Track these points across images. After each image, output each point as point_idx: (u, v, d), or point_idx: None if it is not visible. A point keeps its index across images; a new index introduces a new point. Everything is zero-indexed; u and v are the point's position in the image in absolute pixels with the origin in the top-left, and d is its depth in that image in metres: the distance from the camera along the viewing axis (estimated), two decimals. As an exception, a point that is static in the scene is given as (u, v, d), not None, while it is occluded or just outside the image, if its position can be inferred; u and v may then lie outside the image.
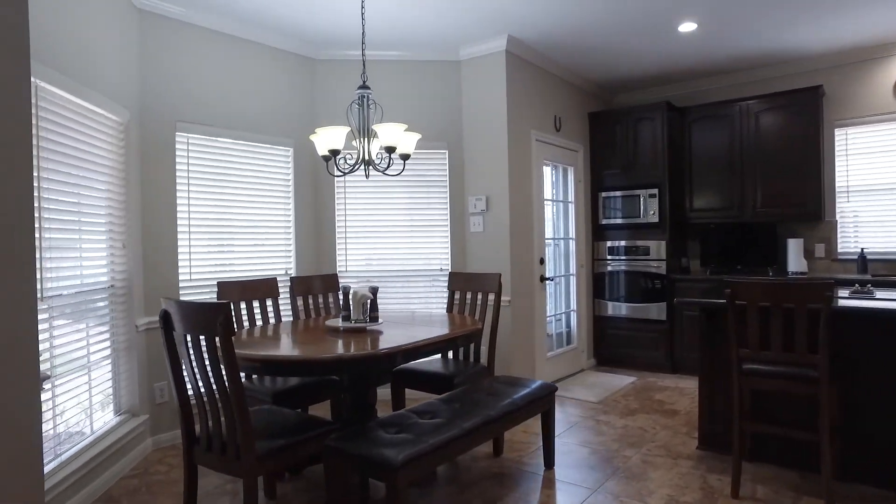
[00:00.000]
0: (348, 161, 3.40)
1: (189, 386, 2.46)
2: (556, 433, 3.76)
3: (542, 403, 3.13)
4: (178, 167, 3.81)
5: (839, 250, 5.01)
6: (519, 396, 3.02)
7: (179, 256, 3.81)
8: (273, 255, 4.36)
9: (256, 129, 4.21)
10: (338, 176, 3.18)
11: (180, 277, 3.81)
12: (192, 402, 2.41)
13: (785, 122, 4.92)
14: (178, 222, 3.81)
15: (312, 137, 3.02)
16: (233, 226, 4.10)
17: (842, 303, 2.87)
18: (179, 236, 3.82)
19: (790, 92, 4.91)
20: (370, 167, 3.21)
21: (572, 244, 5.41)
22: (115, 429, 3.27)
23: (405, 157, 3.24)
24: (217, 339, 2.23)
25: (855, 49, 4.84)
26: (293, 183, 4.48)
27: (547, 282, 4.98)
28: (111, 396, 3.36)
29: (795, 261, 4.92)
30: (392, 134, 2.99)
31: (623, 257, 5.46)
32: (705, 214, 5.32)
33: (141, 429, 3.50)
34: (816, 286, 2.54)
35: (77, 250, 2.96)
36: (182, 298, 3.81)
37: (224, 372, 2.26)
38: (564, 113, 5.29)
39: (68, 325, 2.86)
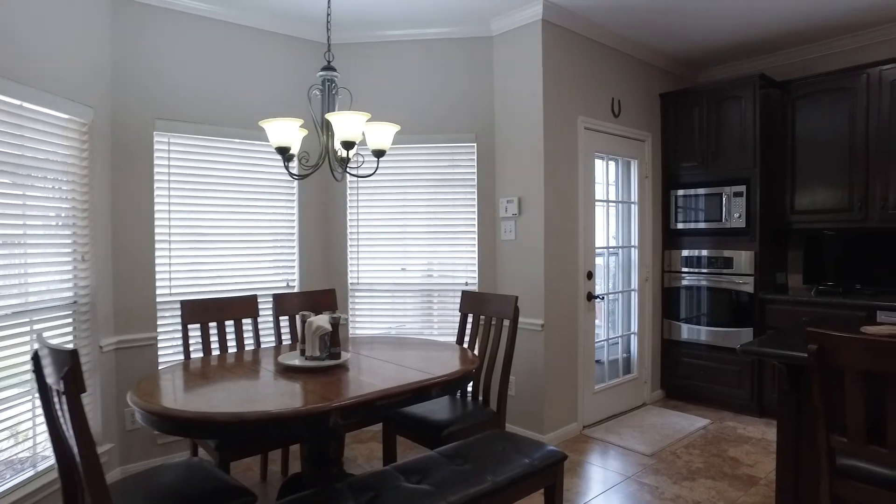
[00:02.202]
0: (306, 161, 2.78)
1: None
2: (585, 499, 2.95)
3: (544, 477, 2.34)
4: (157, 170, 3.40)
5: None
6: (516, 466, 2.27)
7: (157, 269, 3.40)
8: (273, 267, 3.86)
9: (251, 125, 3.71)
10: (297, 178, 2.57)
11: (158, 293, 3.40)
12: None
13: (929, 94, 3.67)
14: (157, 232, 3.40)
15: (263, 124, 2.43)
16: (223, 235, 3.64)
17: None
18: (158, 247, 3.40)
19: (937, 54, 3.66)
20: (343, 167, 2.57)
21: (634, 253, 4.46)
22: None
23: (379, 153, 2.57)
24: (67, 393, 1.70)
25: None
26: (297, 184, 3.95)
27: (596, 300, 4.10)
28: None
29: (940, 281, 3.67)
30: (348, 126, 2.33)
31: (704, 270, 4.43)
32: (812, 217, 4.15)
33: (105, 458, 3.12)
34: (964, 353, 1.57)
35: (21, 266, 2.60)
36: (161, 315, 3.42)
37: (72, 436, 1.73)
38: (626, 94, 4.34)
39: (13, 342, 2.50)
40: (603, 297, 4.22)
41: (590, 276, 3.98)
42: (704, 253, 4.42)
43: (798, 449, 2.38)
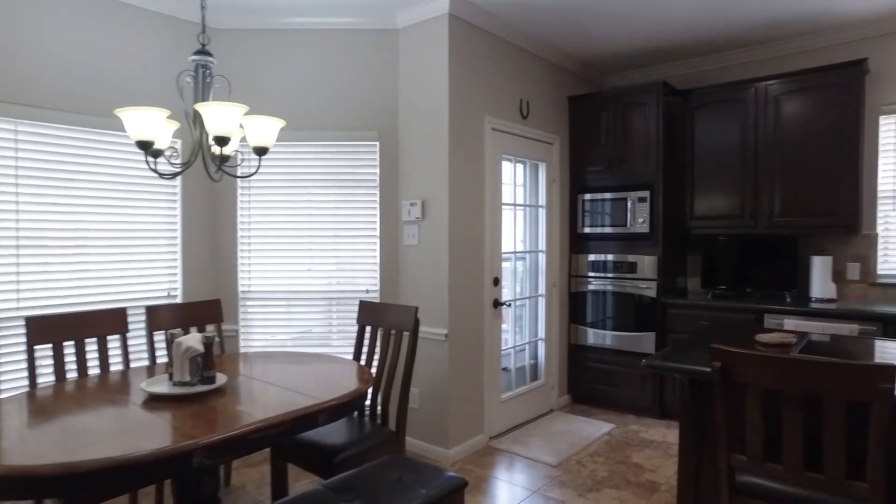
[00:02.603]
0: (175, 158, 2.45)
1: None
2: (491, 523, 2.81)
3: (444, 509, 2.16)
4: (1, 162, 2.90)
5: (880, 272, 3.93)
6: (413, 497, 2.06)
7: (0, 280, 2.90)
8: (151, 275, 3.43)
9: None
10: (166, 177, 2.24)
11: (1, 307, 2.90)
12: None
13: (813, 107, 3.85)
14: (0, 235, 2.90)
15: (119, 114, 2.08)
16: (89, 238, 3.18)
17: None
18: (1, 253, 2.90)
19: (823, 69, 3.83)
20: (219, 165, 2.26)
21: (542, 258, 4.41)
22: None
23: (260, 151, 2.28)
24: None
25: (906, 14, 3.75)
26: (180, 182, 3.54)
27: (503, 307, 3.99)
28: None
29: (821, 285, 3.87)
30: (221, 118, 2.03)
31: (609, 275, 4.44)
32: (709, 223, 4.27)
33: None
34: (866, 370, 1.53)
35: None
36: (1, 336, 2.92)
37: None
38: (535, 96, 4.27)
39: None
40: (510, 304, 4.12)
41: (496, 282, 3.86)
42: (610, 258, 4.43)
43: (699, 458, 2.34)
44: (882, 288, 3.90)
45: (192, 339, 2.18)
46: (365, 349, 3.07)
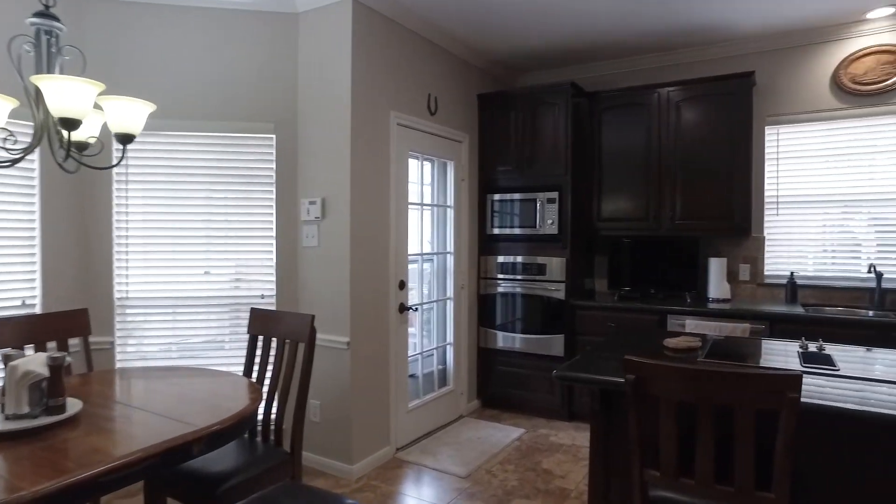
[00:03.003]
0: (13, 143, 2.07)
1: None
2: (396, 546, 2.61)
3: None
4: None
5: (766, 272, 4.14)
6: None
7: None
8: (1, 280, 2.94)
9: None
10: (2, 165, 1.85)
11: None
12: None
13: (710, 115, 3.98)
14: None
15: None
16: None
17: (806, 397, 1.85)
18: None
19: (716, 79, 3.97)
20: (67, 152, 1.90)
21: (450, 260, 4.27)
22: None
23: (125, 139, 1.95)
24: None
25: (791, 31, 3.96)
26: (38, 173, 3.06)
27: (410, 311, 3.81)
28: None
29: (717, 285, 4.01)
30: (66, 96, 1.69)
31: (519, 277, 4.38)
32: (615, 225, 4.32)
33: None
34: (775, 380, 1.49)
35: None
36: None
37: None
38: (444, 92, 4.12)
39: None
40: (416, 308, 3.94)
41: (402, 285, 3.67)
42: (520, 259, 4.38)
43: (609, 466, 2.28)
44: (768, 288, 4.10)
45: (34, 362, 1.81)
46: (257, 362, 2.78)
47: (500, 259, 4.46)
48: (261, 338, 2.78)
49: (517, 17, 3.72)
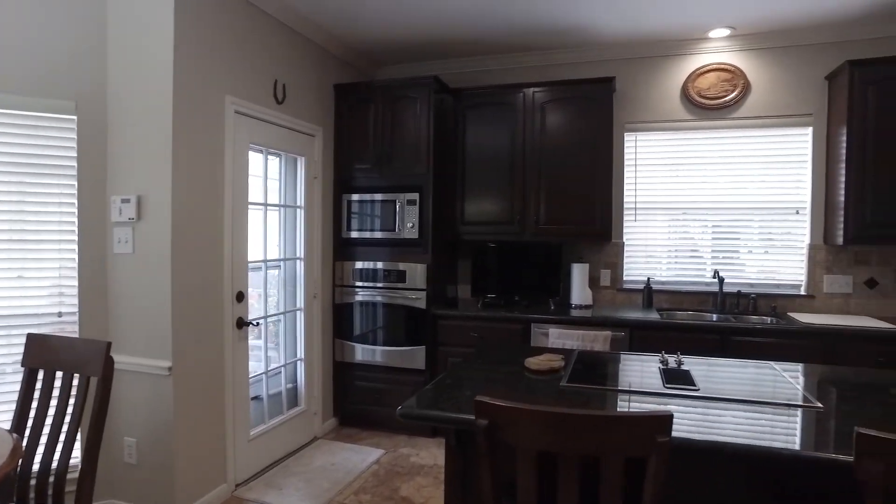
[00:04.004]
0: None
1: None
2: None
3: None
4: None
5: (625, 278, 4.19)
6: None
7: None
8: None
9: None
10: None
11: None
12: None
13: (574, 118, 3.92)
14: None
15: None
16: None
17: (679, 431, 1.69)
18: None
19: (579, 82, 3.93)
20: None
21: (301, 266, 3.83)
22: None
23: None
24: None
25: (647, 42, 4.02)
26: None
27: (251, 326, 3.32)
28: None
29: (579, 291, 3.97)
30: None
31: (378, 284, 4.04)
32: (480, 229, 4.13)
33: None
34: (643, 422, 1.29)
35: None
36: None
37: None
38: (294, 79, 3.67)
39: None
40: (259, 322, 3.45)
41: (241, 297, 3.18)
42: (379, 265, 4.04)
43: (465, 498, 2.01)
44: (627, 293, 4.15)
45: None
46: (35, 404, 2.17)
47: (359, 265, 4.09)
48: (42, 372, 2.18)
49: (379, 5, 3.37)
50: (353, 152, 4.10)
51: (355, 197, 4.08)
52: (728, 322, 3.49)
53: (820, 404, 1.84)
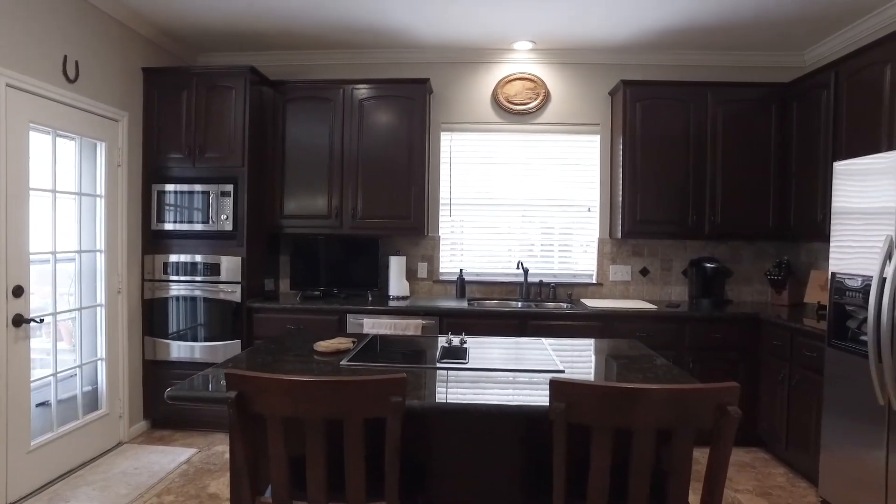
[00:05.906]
0: None
1: None
2: None
3: None
4: None
5: (441, 270, 4.46)
6: None
7: None
8: None
9: None
10: None
11: None
12: None
13: (391, 117, 4.09)
14: None
15: None
16: None
17: (440, 396, 1.88)
18: None
19: (396, 81, 4.11)
20: None
21: (101, 259, 3.58)
22: None
23: None
24: None
25: (461, 47, 4.32)
26: None
27: (32, 324, 3.04)
28: None
29: (397, 283, 4.15)
30: None
31: (195, 277, 3.89)
32: (299, 223, 4.15)
33: None
34: (379, 385, 1.44)
35: None
36: None
37: None
38: (91, 57, 3.41)
39: None
40: (43, 319, 3.16)
41: (19, 292, 2.90)
42: (193, 259, 3.89)
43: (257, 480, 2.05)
44: (443, 284, 4.42)
45: None
46: None
47: (172, 258, 3.91)
48: None
49: (181, -17, 3.26)
50: (165, 141, 3.90)
51: (168, 188, 3.89)
52: (529, 308, 3.87)
53: (563, 368, 2.15)
